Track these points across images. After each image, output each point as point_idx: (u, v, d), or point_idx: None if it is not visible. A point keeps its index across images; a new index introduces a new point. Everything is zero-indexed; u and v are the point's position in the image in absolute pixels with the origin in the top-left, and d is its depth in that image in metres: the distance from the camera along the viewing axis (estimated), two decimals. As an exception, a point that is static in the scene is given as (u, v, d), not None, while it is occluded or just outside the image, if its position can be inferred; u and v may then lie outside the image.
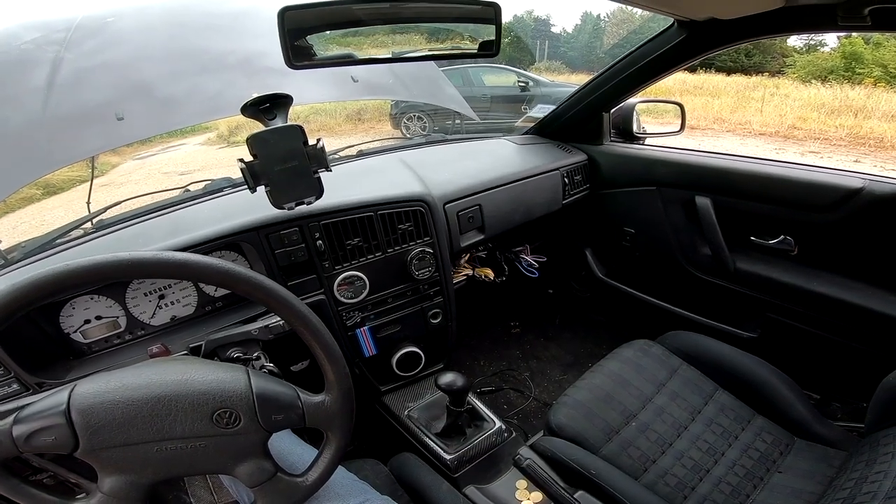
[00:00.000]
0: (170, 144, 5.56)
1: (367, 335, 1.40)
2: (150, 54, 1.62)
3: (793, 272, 1.53)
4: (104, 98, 1.49)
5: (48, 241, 1.25)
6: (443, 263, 1.46)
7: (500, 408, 1.97)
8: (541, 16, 23.32)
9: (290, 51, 0.82)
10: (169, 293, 1.17)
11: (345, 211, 1.28)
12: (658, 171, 1.78)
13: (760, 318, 1.64)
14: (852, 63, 12.98)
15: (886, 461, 0.82)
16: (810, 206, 1.43)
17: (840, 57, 13.39)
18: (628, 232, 1.94)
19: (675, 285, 1.87)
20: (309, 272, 1.27)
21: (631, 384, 1.28)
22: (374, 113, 8.69)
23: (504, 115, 7.31)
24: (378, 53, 1.11)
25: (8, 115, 1.37)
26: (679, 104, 2.06)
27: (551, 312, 2.47)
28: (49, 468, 0.79)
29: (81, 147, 1.47)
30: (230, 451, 0.70)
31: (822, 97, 10.83)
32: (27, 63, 1.44)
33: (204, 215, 1.28)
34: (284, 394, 0.72)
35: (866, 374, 1.23)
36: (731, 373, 1.30)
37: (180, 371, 0.70)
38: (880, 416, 0.96)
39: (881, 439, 0.88)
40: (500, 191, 1.64)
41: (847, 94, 10.71)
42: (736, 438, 1.17)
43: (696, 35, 1.47)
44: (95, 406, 0.64)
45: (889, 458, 0.82)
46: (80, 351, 1.11)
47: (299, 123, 1.03)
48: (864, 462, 0.88)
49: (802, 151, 7.93)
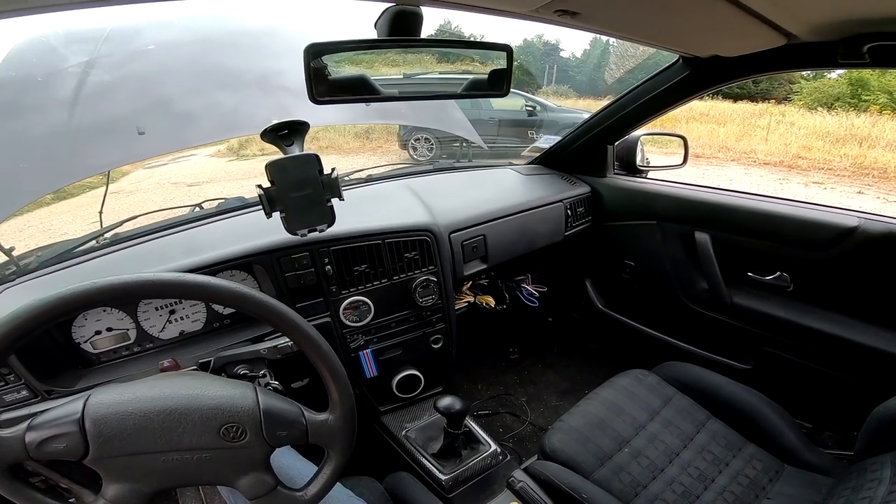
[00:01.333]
0: (180, 155, 5.64)
1: (369, 357, 1.43)
2: (171, 69, 1.65)
3: (788, 307, 1.56)
4: (126, 111, 1.52)
5: (65, 251, 1.28)
6: (446, 291, 1.50)
7: (495, 431, 1.99)
8: (550, 40, 23.61)
9: (313, 85, 0.86)
10: (179, 309, 1.20)
11: (354, 238, 1.32)
12: (659, 205, 1.82)
13: (755, 351, 1.66)
14: (858, 90, 12.86)
15: (872, 487, 0.84)
16: (806, 244, 1.47)
17: (846, 83, 13.23)
18: (628, 264, 1.98)
19: (673, 317, 1.90)
20: (317, 295, 1.31)
21: (625, 411, 1.30)
22: (382, 132, 8.74)
23: (511, 139, 7.37)
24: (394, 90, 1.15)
25: (34, 123, 1.40)
26: (682, 137, 2.09)
27: (550, 340, 2.49)
28: (42, 473, 0.81)
29: (102, 159, 1.50)
30: (234, 463, 0.72)
31: (827, 125, 10.79)
32: (56, 72, 1.47)
33: (218, 235, 1.32)
34: (289, 411, 0.75)
35: (857, 404, 1.25)
36: (723, 402, 1.32)
37: (191, 386, 0.72)
38: (869, 444, 0.98)
39: (869, 466, 0.90)
40: (505, 221, 1.68)
41: (852, 122, 10.67)
42: (727, 465, 1.19)
43: (700, 71, 1.52)
44: (109, 416, 0.66)
45: (875, 484, 0.83)
46: (88, 361, 1.13)
47: (309, 139, 1.07)
48: (850, 488, 0.89)
49: (806, 182, 7.93)
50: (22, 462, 0.66)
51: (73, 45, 1.52)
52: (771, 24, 1.05)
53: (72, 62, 1.48)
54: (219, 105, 1.68)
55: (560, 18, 0.98)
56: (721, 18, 1.01)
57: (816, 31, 1.12)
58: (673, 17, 1.05)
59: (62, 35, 1.54)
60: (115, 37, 1.58)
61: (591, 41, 22.55)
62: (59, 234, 4.33)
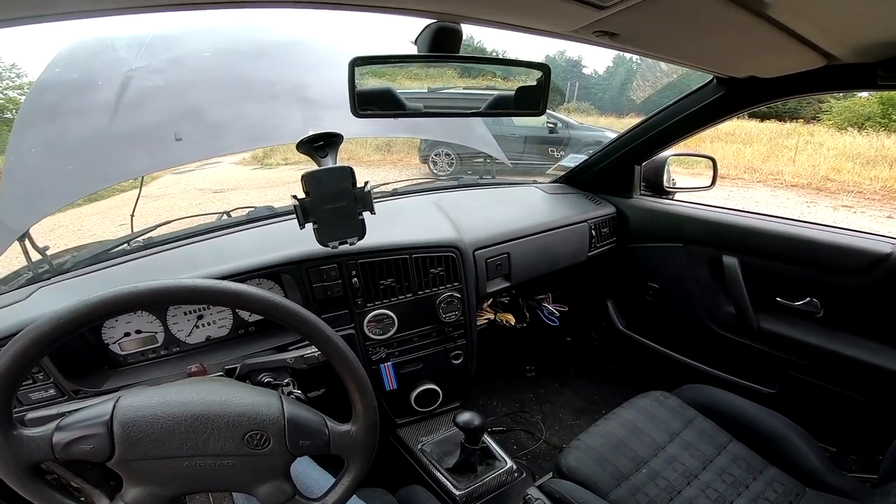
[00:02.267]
0: (207, 162, 5.75)
1: (389, 370, 1.43)
2: (206, 78, 1.69)
3: (817, 333, 1.53)
4: (162, 118, 1.56)
5: (100, 252, 1.31)
6: (469, 308, 1.50)
7: (510, 447, 1.97)
8: (573, 57, 23.69)
9: (356, 99, 0.87)
10: (207, 314, 1.22)
11: (382, 252, 1.34)
12: (686, 227, 1.80)
13: (780, 376, 1.63)
14: (889, 109, 12.51)
15: None
16: (838, 270, 1.44)
17: (877, 102, 12.83)
18: (652, 287, 1.95)
19: (696, 340, 1.87)
20: (342, 307, 1.32)
21: (644, 432, 1.29)
22: (402, 146, 8.81)
23: (533, 156, 7.38)
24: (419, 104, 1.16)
25: (75, 127, 1.44)
26: (712, 158, 2.06)
27: (568, 359, 2.47)
28: (56, 471, 0.81)
29: (138, 164, 1.54)
30: (255, 471, 0.72)
31: (857, 146, 10.53)
32: (101, 77, 1.51)
33: (248, 243, 1.34)
34: (314, 421, 0.75)
35: (883, 428, 1.23)
36: (745, 425, 1.30)
37: (219, 392, 0.73)
38: (893, 468, 0.96)
39: (892, 490, 0.87)
40: (529, 240, 1.68)
41: (883, 143, 10.39)
42: (746, 488, 1.16)
43: (734, 92, 1.50)
44: (138, 419, 0.67)
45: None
46: (115, 362, 1.15)
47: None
48: None
49: (835, 206, 7.73)
50: (45, 461, 0.67)
51: (119, 51, 1.56)
52: (811, 46, 1.04)
53: (117, 67, 1.52)
54: (247, 114, 1.71)
55: (599, 39, 0.99)
56: (761, 40, 1.00)
57: (857, 52, 1.10)
58: (711, 38, 1.04)
59: (109, 40, 1.58)
60: (156, 44, 1.62)
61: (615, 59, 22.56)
62: (88, 235, 4.44)
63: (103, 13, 0.69)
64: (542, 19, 0.87)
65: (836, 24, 0.92)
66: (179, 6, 0.70)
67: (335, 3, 0.69)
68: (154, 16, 0.78)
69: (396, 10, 0.76)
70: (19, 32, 0.69)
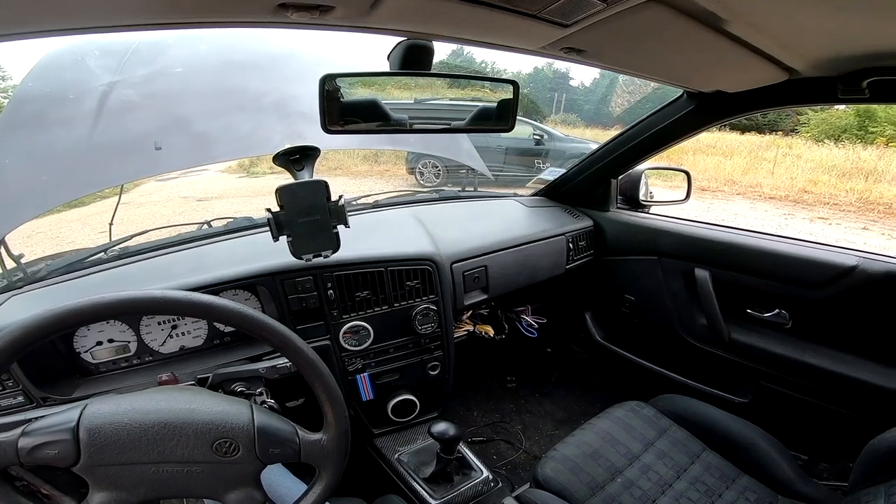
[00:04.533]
0: (192, 169, 5.72)
1: (366, 381, 1.43)
2: (194, 89, 1.69)
3: (786, 344, 1.57)
4: (146, 128, 1.56)
5: (75, 261, 1.30)
6: (445, 320, 1.51)
7: (489, 458, 1.98)
8: (560, 69, 23.89)
9: (326, 116, 0.89)
10: (181, 324, 1.22)
11: (357, 264, 1.34)
12: (661, 241, 1.84)
13: (753, 385, 1.66)
14: (865, 121, 12.76)
15: None
16: (806, 283, 1.48)
17: (854, 115, 13.09)
18: (628, 299, 1.98)
19: (671, 352, 1.90)
20: (318, 318, 1.32)
21: (619, 442, 1.31)
22: (390, 156, 8.81)
23: (517, 168, 7.41)
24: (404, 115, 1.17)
25: (55, 135, 1.43)
26: (686, 172, 2.10)
27: (548, 370, 2.49)
28: (26, 478, 0.81)
29: (119, 172, 1.53)
30: (224, 478, 0.73)
31: (833, 158, 10.77)
32: (82, 86, 1.50)
33: (225, 254, 1.34)
34: (284, 430, 0.76)
35: (853, 436, 1.26)
36: (719, 434, 1.32)
37: (189, 400, 0.74)
38: (863, 476, 0.98)
39: (862, 497, 0.89)
40: (507, 253, 1.70)
41: (859, 155, 10.64)
42: (720, 496, 1.18)
43: (703, 106, 1.55)
44: (104, 426, 0.68)
45: None
46: (87, 370, 1.14)
47: (318, 160, 1.10)
48: None
49: (811, 217, 7.90)
50: (10, 466, 0.67)
51: (101, 59, 1.55)
52: (773, 60, 1.08)
53: (98, 76, 1.51)
54: (235, 125, 1.71)
55: (567, 56, 1.02)
56: (724, 55, 1.04)
57: (818, 66, 1.15)
58: (676, 54, 1.08)
59: (91, 49, 1.57)
60: (142, 52, 1.62)
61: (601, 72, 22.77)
62: (67, 242, 4.37)
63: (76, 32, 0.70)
64: (510, 37, 0.90)
65: (794, 38, 0.96)
66: (164, 25, 0.72)
67: (309, 23, 0.71)
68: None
69: (369, 30, 0.79)
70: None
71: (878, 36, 0.93)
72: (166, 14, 0.68)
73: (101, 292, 0.68)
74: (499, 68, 17.99)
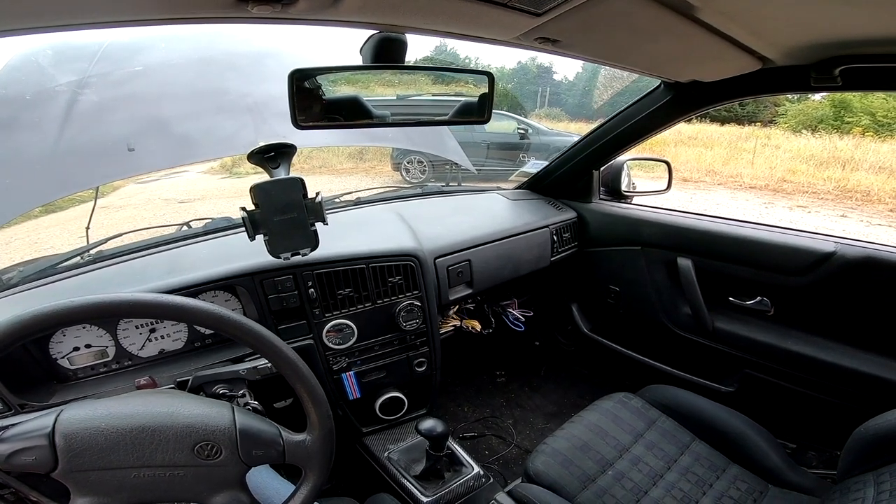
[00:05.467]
0: (173, 171, 5.63)
1: (352, 379, 1.42)
2: (172, 91, 1.67)
3: (769, 331, 1.58)
4: (122, 130, 1.53)
5: (48, 266, 1.27)
6: (430, 316, 1.51)
7: (481, 453, 1.98)
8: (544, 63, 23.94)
9: (296, 111, 0.88)
10: (160, 327, 1.20)
11: (338, 262, 1.33)
12: (643, 231, 1.85)
13: (738, 374, 1.68)
14: (841, 112, 12.89)
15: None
16: (785, 270, 1.50)
17: (830, 106, 13.25)
18: (613, 290, 1.99)
19: (657, 342, 1.91)
20: (299, 318, 1.31)
21: (609, 434, 1.31)
22: (375, 154, 8.75)
23: (501, 162, 7.43)
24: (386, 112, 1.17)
25: (22, 139, 1.41)
26: (667, 162, 2.12)
27: (537, 363, 2.49)
28: (12, 485, 0.80)
29: (93, 175, 1.52)
30: (208, 481, 0.72)
31: (811, 148, 10.90)
32: (45, 91, 1.48)
33: (202, 255, 1.32)
34: (267, 431, 0.75)
35: (840, 424, 1.26)
36: (707, 424, 1.33)
37: (166, 404, 0.73)
38: (852, 463, 0.99)
39: (852, 486, 0.90)
40: (490, 247, 1.69)
41: (836, 145, 10.78)
42: (710, 486, 1.19)
43: (680, 96, 1.56)
44: (80, 431, 0.67)
45: (858, 503, 0.84)
46: (65, 376, 1.12)
47: (303, 159, 1.08)
48: None
49: (791, 206, 8.02)
50: None
51: (63, 64, 1.52)
52: (746, 49, 1.09)
53: (61, 81, 1.49)
54: (216, 128, 1.70)
55: (541, 46, 1.02)
56: (698, 44, 1.05)
57: (790, 55, 1.16)
58: (650, 43, 1.08)
59: (51, 53, 1.55)
60: (111, 54, 1.59)
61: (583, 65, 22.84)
62: (45, 248, 4.29)
63: (63, 28, 0.69)
64: (483, 28, 0.89)
65: (765, 27, 0.96)
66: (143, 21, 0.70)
67: (271, 17, 0.70)
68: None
69: (335, 23, 0.77)
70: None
71: (849, 24, 0.94)
72: (126, 11, 0.66)
73: (74, 297, 0.66)
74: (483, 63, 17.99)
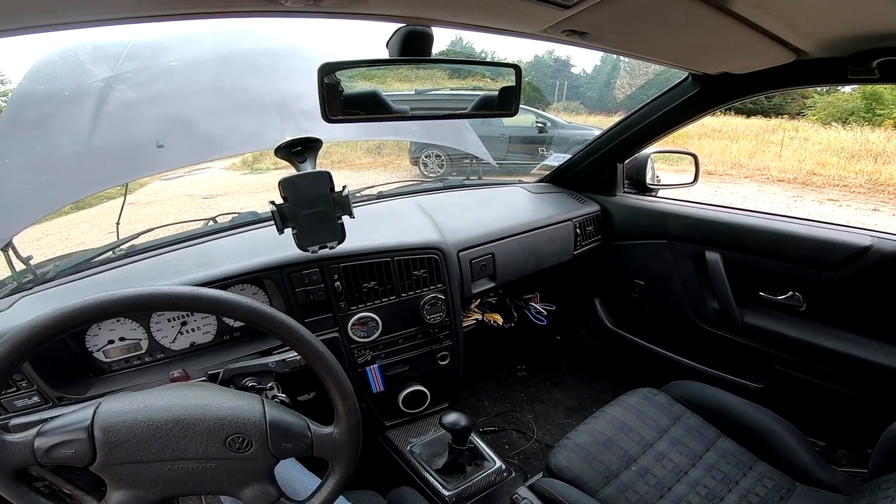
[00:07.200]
0: (196, 167, 5.74)
1: (376, 372, 1.44)
2: (195, 89, 1.68)
3: (800, 327, 1.54)
4: (148, 128, 1.56)
5: (82, 260, 1.31)
6: (453, 309, 1.51)
7: (501, 447, 1.98)
8: (561, 56, 23.73)
9: (326, 105, 0.88)
10: (191, 320, 1.22)
11: (364, 255, 1.34)
12: (669, 224, 1.82)
13: (768, 370, 1.64)
14: (872, 104, 12.68)
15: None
16: (820, 264, 1.46)
17: (861, 98, 13.03)
18: (638, 283, 1.97)
19: (683, 337, 1.88)
20: (325, 311, 1.32)
21: (633, 430, 1.30)
22: (393, 148, 8.80)
23: (521, 156, 7.38)
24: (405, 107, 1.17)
25: (57, 135, 1.44)
26: (693, 155, 2.09)
27: (558, 358, 2.48)
28: (47, 478, 0.82)
29: (124, 171, 1.54)
30: (238, 474, 0.73)
31: (842, 140, 10.68)
32: (80, 87, 1.50)
33: (230, 249, 1.34)
34: (296, 424, 0.76)
35: (871, 422, 1.24)
36: (734, 420, 1.31)
37: (200, 396, 0.74)
38: (883, 461, 0.97)
39: (882, 484, 0.88)
40: (513, 240, 1.68)
41: (867, 137, 10.55)
42: (736, 484, 1.17)
43: (709, 88, 1.53)
44: (118, 424, 0.68)
45: (889, 501, 0.82)
46: (100, 369, 1.15)
47: (321, 154, 1.09)
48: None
49: (821, 199, 7.83)
50: (28, 466, 0.68)
51: (98, 60, 1.54)
52: (780, 41, 1.06)
53: (96, 76, 1.51)
54: (239, 126, 1.71)
55: (569, 38, 1.00)
56: (730, 36, 1.02)
57: (826, 47, 1.12)
58: (681, 36, 1.06)
59: (88, 49, 1.57)
60: (139, 52, 1.61)
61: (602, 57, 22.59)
62: (76, 244, 4.42)
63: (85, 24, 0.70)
64: (510, 20, 0.89)
65: (801, 18, 0.93)
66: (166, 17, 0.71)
67: (303, 10, 0.70)
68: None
69: (364, 16, 0.77)
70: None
71: (888, 15, 0.91)
72: (159, 6, 0.67)
73: (109, 290, 0.68)
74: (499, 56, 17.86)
